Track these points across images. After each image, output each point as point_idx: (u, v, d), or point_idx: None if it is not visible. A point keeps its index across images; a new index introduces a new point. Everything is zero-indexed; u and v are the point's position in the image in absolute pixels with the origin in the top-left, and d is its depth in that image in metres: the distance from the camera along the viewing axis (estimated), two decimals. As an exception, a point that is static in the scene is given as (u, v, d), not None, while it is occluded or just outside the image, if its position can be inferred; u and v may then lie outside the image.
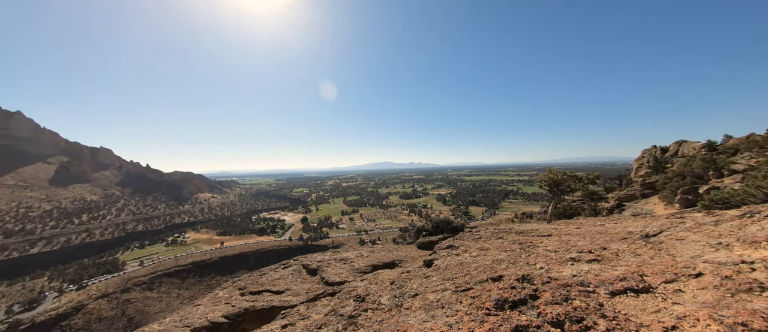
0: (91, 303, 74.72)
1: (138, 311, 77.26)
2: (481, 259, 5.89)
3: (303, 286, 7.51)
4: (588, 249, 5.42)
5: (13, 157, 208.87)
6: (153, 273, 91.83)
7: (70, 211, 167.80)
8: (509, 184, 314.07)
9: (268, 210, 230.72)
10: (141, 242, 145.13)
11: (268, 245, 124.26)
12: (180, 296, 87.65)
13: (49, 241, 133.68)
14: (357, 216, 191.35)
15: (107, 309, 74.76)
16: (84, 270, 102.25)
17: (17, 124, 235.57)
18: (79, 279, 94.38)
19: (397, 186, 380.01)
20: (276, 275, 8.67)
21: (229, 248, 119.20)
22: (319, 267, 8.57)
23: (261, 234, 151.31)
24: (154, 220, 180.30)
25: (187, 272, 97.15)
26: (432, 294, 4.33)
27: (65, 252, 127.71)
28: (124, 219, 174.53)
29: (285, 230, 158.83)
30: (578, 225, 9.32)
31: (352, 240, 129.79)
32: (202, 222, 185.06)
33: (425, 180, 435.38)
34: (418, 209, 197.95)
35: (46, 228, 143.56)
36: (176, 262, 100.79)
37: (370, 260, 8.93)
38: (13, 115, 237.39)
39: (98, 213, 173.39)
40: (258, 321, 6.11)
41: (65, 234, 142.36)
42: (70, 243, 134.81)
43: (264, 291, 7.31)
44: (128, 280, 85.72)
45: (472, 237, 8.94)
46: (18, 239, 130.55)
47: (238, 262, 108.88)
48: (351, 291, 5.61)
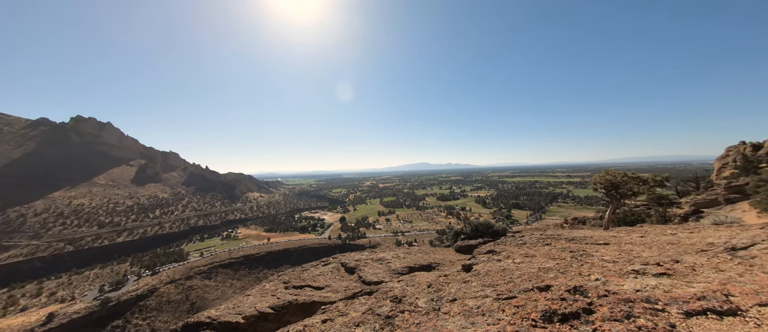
0: (162, 287, 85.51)
1: (198, 297, 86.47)
2: (526, 267, 5.51)
3: (341, 284, 7.74)
4: (655, 261, 4.77)
5: (105, 160, 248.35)
6: (211, 263, 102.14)
7: (146, 207, 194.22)
8: (558, 186, 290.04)
9: (309, 210, 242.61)
10: (201, 235, 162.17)
11: (309, 242, 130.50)
12: (233, 286, 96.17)
13: (130, 232, 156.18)
14: (393, 217, 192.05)
15: (174, 294, 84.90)
16: (157, 258, 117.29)
17: (107, 132, 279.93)
18: (153, 265, 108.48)
19: (433, 187, 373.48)
20: (316, 271, 9.06)
21: (275, 244, 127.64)
22: (357, 266, 8.76)
23: (303, 232, 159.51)
24: (212, 216, 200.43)
25: (239, 264, 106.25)
26: (472, 300, 4.17)
27: (142, 241, 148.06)
28: (188, 214, 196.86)
29: (324, 229, 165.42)
30: (642, 233, 8.26)
31: (388, 241, 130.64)
32: (252, 219, 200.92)
33: (463, 182, 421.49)
34: (455, 211, 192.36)
35: (128, 221, 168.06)
36: (230, 255, 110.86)
37: (406, 261, 8.90)
38: (105, 125, 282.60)
39: (168, 209, 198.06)
40: (300, 314, 6.44)
41: (143, 227, 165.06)
42: (146, 235, 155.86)
43: (306, 286, 7.69)
44: (191, 269, 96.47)
45: (516, 242, 8.42)
46: (108, 229, 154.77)
47: (283, 258, 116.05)
48: (388, 291, 5.64)
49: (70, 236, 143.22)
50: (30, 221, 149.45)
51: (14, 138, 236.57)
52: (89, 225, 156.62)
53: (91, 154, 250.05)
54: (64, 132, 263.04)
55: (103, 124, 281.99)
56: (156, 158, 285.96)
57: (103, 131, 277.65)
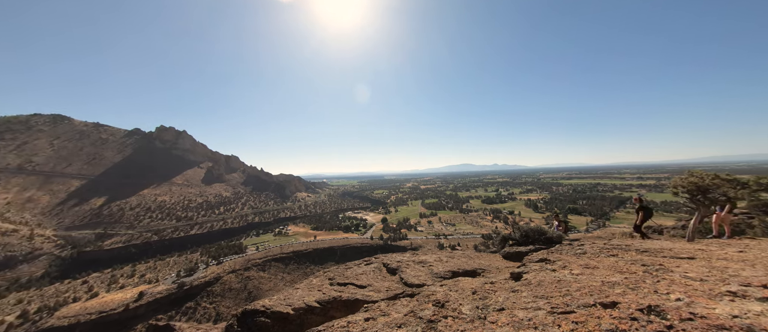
0: (225, 275, 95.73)
1: (254, 287, 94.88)
2: (586, 279, 4.95)
3: (383, 284, 7.81)
4: (761, 282, 3.89)
5: (181, 164, 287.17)
6: (265, 257, 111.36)
7: (213, 204, 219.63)
8: (626, 190, 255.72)
9: (352, 210, 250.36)
10: (257, 231, 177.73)
11: (352, 241, 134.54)
12: (284, 278, 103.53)
13: (201, 226, 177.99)
14: (435, 219, 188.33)
15: (235, 282, 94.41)
16: (221, 249, 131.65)
17: (183, 139, 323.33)
18: (218, 256, 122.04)
19: (478, 189, 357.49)
20: (359, 270, 9.29)
21: (321, 241, 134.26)
22: (399, 267, 8.77)
23: (346, 231, 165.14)
24: (266, 214, 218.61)
25: (289, 259, 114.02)
26: (522, 312, 3.87)
27: (210, 234, 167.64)
28: (246, 211, 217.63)
29: (367, 229, 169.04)
30: (742, 247, 6.84)
31: (430, 244, 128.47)
32: (300, 218, 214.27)
33: (511, 184, 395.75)
34: (502, 215, 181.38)
35: (199, 216, 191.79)
36: (281, 250, 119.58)
37: (449, 266, 8.64)
38: (181, 133, 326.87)
39: (230, 207, 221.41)
40: (344, 310, 6.66)
41: (210, 221, 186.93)
42: (213, 229, 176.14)
43: (349, 284, 7.93)
44: (248, 261, 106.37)
45: (573, 251, 7.63)
46: (183, 223, 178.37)
47: (328, 255, 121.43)
48: (430, 295, 5.54)
49: (156, 227, 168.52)
50: (127, 214, 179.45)
51: (116, 145, 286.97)
52: (169, 218, 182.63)
53: (171, 158, 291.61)
54: (150, 140, 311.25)
55: (179, 132, 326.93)
56: (220, 161, 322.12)
57: (179, 138, 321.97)
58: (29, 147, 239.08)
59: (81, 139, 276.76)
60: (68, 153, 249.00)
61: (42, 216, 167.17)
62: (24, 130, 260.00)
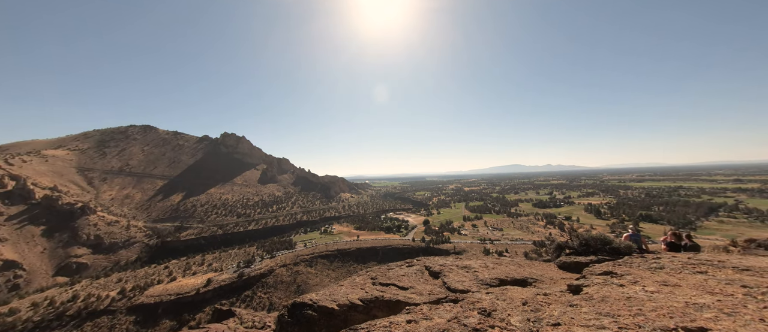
0: (277, 269, 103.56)
1: (303, 281, 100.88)
2: (665, 298, 4.27)
3: (425, 287, 7.69)
4: None
5: (240, 166, 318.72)
6: (312, 254, 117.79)
7: (267, 203, 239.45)
8: (718, 194, 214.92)
9: (393, 211, 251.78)
10: (305, 229, 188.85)
11: (394, 242, 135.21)
12: (329, 275, 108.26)
13: (257, 222, 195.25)
14: (480, 223, 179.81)
15: (285, 276, 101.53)
16: (274, 245, 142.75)
17: (243, 144, 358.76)
18: (271, 250, 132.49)
19: (529, 192, 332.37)
20: (401, 272, 9.29)
21: (364, 241, 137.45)
22: (441, 271, 8.56)
23: (388, 232, 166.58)
24: (313, 213, 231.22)
25: (334, 257, 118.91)
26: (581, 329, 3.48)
27: (264, 230, 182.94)
28: (296, 210, 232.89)
29: (408, 230, 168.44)
30: None
31: (474, 248, 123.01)
32: (344, 217, 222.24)
33: (568, 186, 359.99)
34: (557, 221, 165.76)
35: (255, 213, 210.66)
36: (327, 248, 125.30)
37: (496, 272, 8.17)
38: (241, 138, 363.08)
39: (281, 205, 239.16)
40: (386, 310, 6.72)
41: (265, 218, 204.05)
42: (267, 225, 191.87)
43: (391, 285, 7.97)
44: (297, 257, 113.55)
45: (648, 265, 6.64)
46: (242, 219, 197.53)
47: (370, 254, 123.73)
48: (475, 302, 5.29)
49: (220, 222, 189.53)
50: (198, 210, 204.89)
51: (190, 150, 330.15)
52: (231, 215, 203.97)
53: (232, 161, 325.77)
54: (216, 145, 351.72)
55: (239, 138, 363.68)
56: (273, 163, 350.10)
57: (239, 143, 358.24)
58: (127, 153, 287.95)
59: (164, 145, 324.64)
60: (155, 157, 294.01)
61: (136, 210, 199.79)
62: (123, 138, 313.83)
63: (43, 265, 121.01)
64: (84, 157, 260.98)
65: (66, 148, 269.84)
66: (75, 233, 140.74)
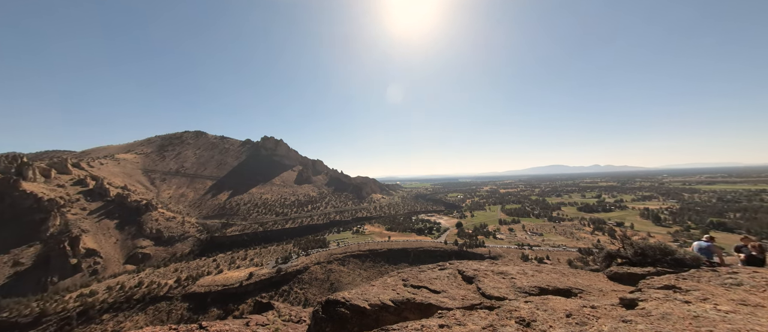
0: (312, 266, 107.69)
1: (336, 279, 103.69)
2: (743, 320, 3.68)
3: (458, 291, 7.47)
4: None
5: (278, 167, 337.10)
6: (344, 253, 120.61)
7: (302, 202, 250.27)
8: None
9: (425, 213, 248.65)
10: (338, 228, 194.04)
11: (425, 245, 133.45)
12: (361, 274, 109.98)
13: (293, 221, 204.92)
14: (518, 227, 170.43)
15: (319, 273, 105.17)
16: (309, 243, 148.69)
17: (281, 147, 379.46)
18: (306, 248, 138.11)
19: (573, 194, 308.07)
20: (433, 275, 9.13)
21: (395, 242, 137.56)
22: (475, 275, 8.26)
23: (419, 233, 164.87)
24: (345, 213, 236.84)
25: (365, 257, 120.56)
26: (637, 348, 3.13)
27: (300, 229, 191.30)
28: (329, 210, 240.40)
29: (440, 233, 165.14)
30: None
31: (511, 254, 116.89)
32: (375, 218, 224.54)
33: (619, 189, 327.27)
34: (607, 227, 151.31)
35: (292, 212, 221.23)
36: (359, 248, 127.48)
37: (536, 280, 7.67)
38: (279, 141, 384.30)
39: (316, 205, 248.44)
40: (417, 312, 6.64)
41: (300, 217, 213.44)
42: (302, 224, 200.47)
43: (423, 287, 7.87)
44: (331, 255, 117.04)
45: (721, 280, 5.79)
46: (280, 218, 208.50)
47: (401, 256, 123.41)
48: (512, 310, 5.02)
49: (261, 220, 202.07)
50: (241, 208, 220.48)
51: (234, 153, 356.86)
52: (270, 213, 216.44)
53: (271, 163, 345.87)
54: (257, 148, 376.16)
55: (278, 141, 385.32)
56: (308, 165, 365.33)
57: (278, 146, 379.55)
58: (182, 156, 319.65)
59: (212, 148, 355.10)
60: (204, 160, 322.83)
61: (189, 207, 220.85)
62: (179, 143, 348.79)
63: (115, 254, 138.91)
64: (148, 159, 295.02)
65: (134, 152, 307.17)
66: (140, 227, 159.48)
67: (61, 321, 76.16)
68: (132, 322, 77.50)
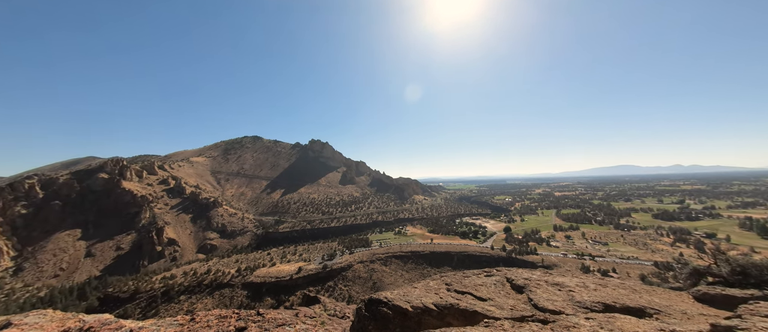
0: (356, 264, 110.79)
1: (378, 278, 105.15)
2: None
3: (507, 301, 7.01)
4: None
5: (324, 168, 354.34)
6: (387, 253, 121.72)
7: (346, 202, 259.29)
8: None
9: (469, 216, 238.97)
10: (380, 228, 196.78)
11: (470, 249, 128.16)
12: (403, 276, 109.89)
13: (338, 220, 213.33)
14: (576, 234, 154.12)
15: (362, 272, 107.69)
16: (352, 242, 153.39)
17: (326, 149, 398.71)
18: (350, 247, 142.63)
19: (647, 199, 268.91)
20: (479, 281, 8.71)
21: (438, 245, 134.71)
22: (526, 285, 7.66)
23: (463, 237, 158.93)
24: (387, 213, 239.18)
25: (407, 258, 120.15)
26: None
27: (344, 228, 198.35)
28: (372, 210, 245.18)
29: (486, 237, 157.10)
30: None
31: (569, 264, 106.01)
32: (417, 220, 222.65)
33: (709, 193, 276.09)
34: (693, 238, 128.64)
35: (337, 212, 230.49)
36: (401, 249, 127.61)
37: (600, 295, 6.84)
38: (325, 144, 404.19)
39: (359, 205, 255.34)
40: (461, 319, 6.39)
41: (344, 217, 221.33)
42: (346, 223, 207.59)
43: (467, 293, 7.55)
44: (373, 255, 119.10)
45: None
46: (326, 217, 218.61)
47: (444, 259, 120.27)
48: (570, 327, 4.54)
49: (308, 218, 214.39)
50: (291, 207, 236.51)
51: (286, 155, 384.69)
52: (317, 212, 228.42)
53: (318, 164, 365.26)
54: (305, 150, 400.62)
55: (324, 144, 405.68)
56: (352, 166, 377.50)
57: (324, 148, 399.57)
58: (242, 159, 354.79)
59: (267, 151, 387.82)
60: (260, 162, 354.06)
61: (247, 205, 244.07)
62: (239, 147, 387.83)
63: (190, 244, 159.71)
64: (215, 162, 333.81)
65: (204, 155, 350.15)
66: (209, 221, 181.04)
67: (150, 298, 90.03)
68: (202, 304, 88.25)
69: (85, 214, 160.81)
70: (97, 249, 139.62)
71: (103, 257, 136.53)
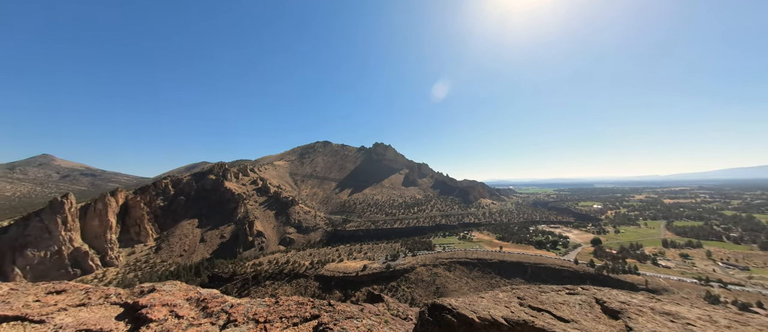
0: (418, 267, 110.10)
1: (441, 284, 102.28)
2: None
3: (596, 326, 5.99)
4: None
5: (387, 170, 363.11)
6: (451, 258, 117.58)
7: (409, 204, 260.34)
8: None
9: (546, 223, 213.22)
10: (443, 232, 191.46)
11: (547, 261, 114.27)
12: (468, 283, 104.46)
13: (401, 221, 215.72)
14: (698, 253, 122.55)
15: (425, 275, 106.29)
16: (415, 244, 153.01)
17: (389, 151, 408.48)
18: (413, 249, 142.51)
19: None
20: (559, 298, 7.68)
21: (508, 254, 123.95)
22: (623, 310, 6.42)
23: (539, 247, 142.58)
24: (451, 217, 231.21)
25: (473, 265, 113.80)
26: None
27: (407, 230, 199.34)
28: (434, 213, 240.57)
29: (568, 249, 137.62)
30: None
31: (686, 289, 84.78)
32: (484, 225, 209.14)
33: None
34: None
35: (399, 213, 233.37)
36: (466, 255, 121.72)
37: (736, 335, 5.26)
38: (388, 147, 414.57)
39: (421, 208, 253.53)
40: (538, 340, 5.70)
41: (407, 219, 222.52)
42: (409, 225, 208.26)
43: (544, 312, 6.73)
44: (437, 259, 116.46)
45: None
46: (389, 218, 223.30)
47: (515, 270, 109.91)
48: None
49: (373, 218, 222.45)
50: (357, 207, 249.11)
51: (352, 158, 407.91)
52: (380, 213, 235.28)
53: (381, 166, 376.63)
54: (370, 153, 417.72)
55: (387, 146, 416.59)
56: (414, 168, 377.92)
57: (387, 151, 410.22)
58: (314, 162, 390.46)
59: (335, 155, 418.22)
60: (329, 165, 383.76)
61: (319, 204, 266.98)
62: (312, 151, 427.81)
63: (273, 236, 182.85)
64: (292, 165, 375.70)
65: (284, 159, 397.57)
66: (288, 217, 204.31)
67: (243, 281, 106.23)
68: (282, 290, 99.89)
69: (199, 207, 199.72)
70: (207, 236, 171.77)
71: (211, 243, 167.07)
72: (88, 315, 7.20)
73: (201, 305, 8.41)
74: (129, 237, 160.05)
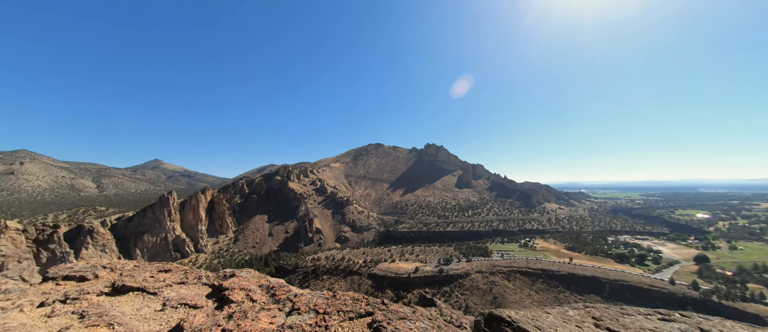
0: (473, 274, 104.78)
1: (499, 293, 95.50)
2: None
3: (702, 362, 4.91)
4: None
5: (439, 172, 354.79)
6: (510, 267, 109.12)
7: (463, 207, 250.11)
8: None
9: (630, 234, 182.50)
10: (501, 238, 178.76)
11: (632, 278, 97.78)
12: (530, 296, 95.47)
13: (454, 225, 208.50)
14: None
15: (481, 283, 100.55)
16: (469, 249, 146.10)
17: (441, 152, 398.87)
18: (467, 254, 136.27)
19: None
20: (648, 324, 6.52)
21: (580, 267, 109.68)
22: (743, 347, 5.13)
23: (620, 261, 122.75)
24: (510, 222, 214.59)
25: (536, 276, 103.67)
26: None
27: (461, 233, 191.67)
28: (491, 217, 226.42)
29: (660, 266, 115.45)
30: None
31: None
32: (549, 232, 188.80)
33: None
34: None
35: (453, 216, 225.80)
36: (527, 264, 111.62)
37: None
38: (440, 148, 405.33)
39: (476, 211, 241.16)
40: (620, 369, 4.92)
41: (461, 222, 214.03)
42: (463, 229, 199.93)
43: (628, 336, 5.78)
44: (494, 266, 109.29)
45: None
46: (441, 220, 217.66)
47: (590, 286, 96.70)
48: None
49: (424, 220, 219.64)
50: (409, 208, 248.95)
51: (403, 160, 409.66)
52: (433, 215, 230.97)
53: (433, 168, 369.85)
54: (421, 154, 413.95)
55: (439, 147, 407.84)
56: (468, 169, 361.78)
57: (439, 152, 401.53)
58: (368, 163, 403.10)
59: (387, 156, 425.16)
60: (382, 166, 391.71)
61: (372, 205, 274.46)
62: (365, 153, 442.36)
63: (330, 234, 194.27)
64: (347, 167, 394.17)
65: (339, 161, 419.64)
66: (343, 217, 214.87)
67: (304, 273, 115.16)
68: (338, 285, 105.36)
69: (268, 205, 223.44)
70: (274, 231, 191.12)
71: (278, 237, 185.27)
72: (186, 291, 8.67)
73: (270, 292, 9.41)
74: (214, 228, 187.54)
